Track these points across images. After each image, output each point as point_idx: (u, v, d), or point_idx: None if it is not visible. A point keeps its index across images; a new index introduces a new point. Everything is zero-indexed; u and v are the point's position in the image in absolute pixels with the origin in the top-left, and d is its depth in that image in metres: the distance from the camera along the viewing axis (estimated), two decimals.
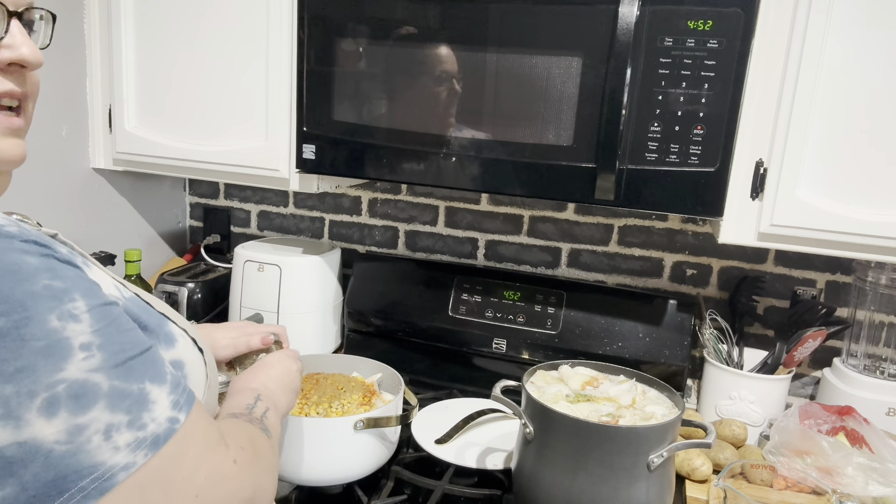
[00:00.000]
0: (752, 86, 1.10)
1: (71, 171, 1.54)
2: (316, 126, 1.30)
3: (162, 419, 0.56)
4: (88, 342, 0.53)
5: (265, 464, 0.68)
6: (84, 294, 0.54)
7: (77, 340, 0.52)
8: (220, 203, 1.90)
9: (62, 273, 0.54)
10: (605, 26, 1.09)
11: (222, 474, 0.60)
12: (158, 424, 0.55)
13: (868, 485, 1.10)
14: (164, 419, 0.56)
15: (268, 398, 0.81)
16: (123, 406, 0.53)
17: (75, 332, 0.52)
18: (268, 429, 0.74)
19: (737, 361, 1.41)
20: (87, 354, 0.52)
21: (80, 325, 0.52)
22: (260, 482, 0.65)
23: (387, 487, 1.15)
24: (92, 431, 0.52)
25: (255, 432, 0.71)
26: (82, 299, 0.53)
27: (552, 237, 1.62)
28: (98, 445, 0.52)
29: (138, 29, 1.45)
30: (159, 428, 0.55)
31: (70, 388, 0.51)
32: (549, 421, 1.02)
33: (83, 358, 0.52)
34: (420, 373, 1.57)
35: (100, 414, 0.52)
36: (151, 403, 0.55)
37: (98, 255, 1.51)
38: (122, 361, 0.55)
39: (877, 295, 1.37)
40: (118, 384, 0.54)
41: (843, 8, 1.04)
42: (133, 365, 0.55)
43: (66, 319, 0.52)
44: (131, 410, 0.54)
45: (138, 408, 0.54)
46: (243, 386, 0.84)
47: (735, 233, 1.17)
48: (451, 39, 1.18)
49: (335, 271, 1.64)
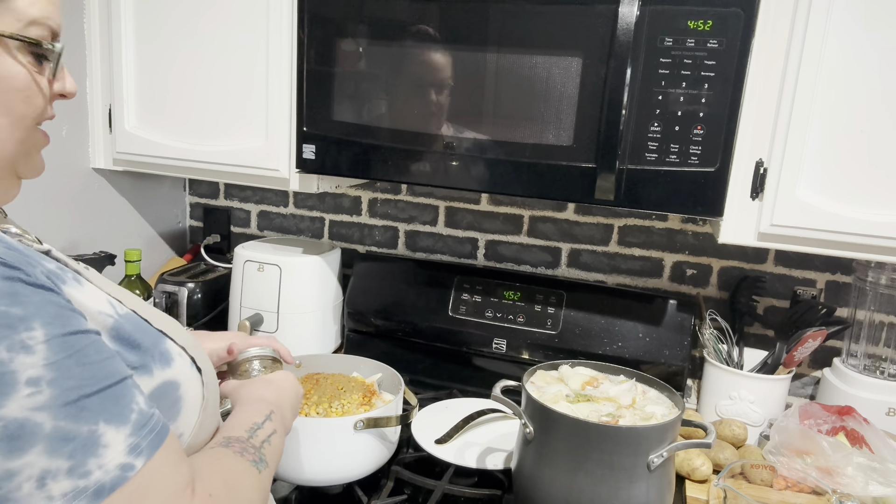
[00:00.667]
0: (752, 86, 1.10)
1: (71, 171, 1.54)
2: (316, 126, 1.30)
3: (112, 466, 0.50)
4: (37, 376, 0.48)
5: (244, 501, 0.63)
6: (46, 322, 0.50)
7: (24, 374, 0.48)
8: (220, 203, 1.90)
9: (25, 299, 0.50)
10: (605, 26, 1.09)
11: None
12: (106, 472, 0.50)
13: (868, 485, 1.10)
14: (115, 466, 0.51)
15: (279, 418, 0.78)
16: (65, 451, 0.49)
17: (24, 364, 0.48)
18: (263, 459, 0.69)
19: (737, 361, 1.41)
20: (33, 390, 0.48)
21: (31, 358, 0.48)
22: None
23: (387, 487, 1.15)
24: (23, 478, 0.47)
25: (240, 469, 0.66)
26: (42, 328, 0.50)
27: (552, 237, 1.62)
28: (28, 494, 0.47)
29: (138, 29, 1.45)
30: (106, 476, 0.50)
31: (5, 429, 0.47)
32: (549, 421, 1.02)
33: (28, 394, 0.48)
34: (420, 373, 1.57)
35: (36, 458, 0.47)
36: (102, 448, 0.50)
37: (98, 256, 1.51)
38: (75, 399, 0.50)
39: (877, 295, 1.37)
40: (63, 425, 0.49)
41: (843, 8, 1.04)
42: (87, 403, 0.51)
43: (15, 350, 0.48)
44: (74, 455, 0.49)
45: (83, 453, 0.49)
46: (258, 396, 0.80)
47: (735, 233, 1.17)
48: (451, 39, 1.18)
49: (335, 271, 1.64)
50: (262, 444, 0.71)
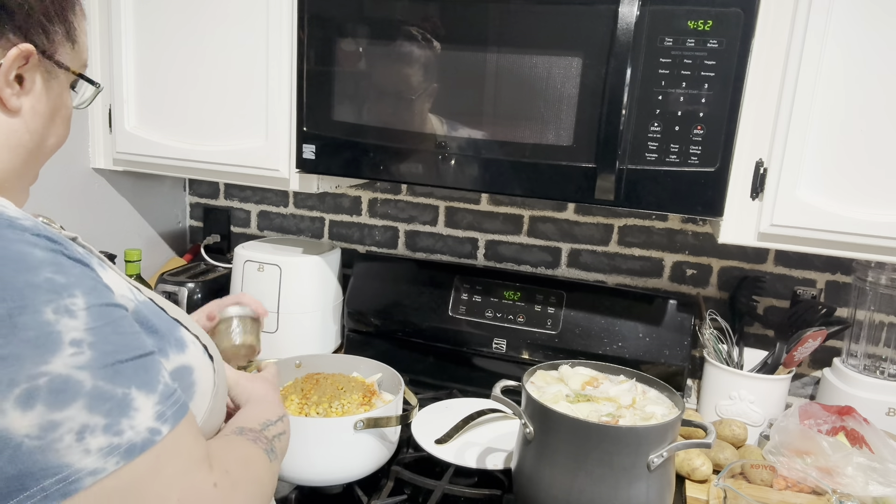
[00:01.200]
0: (752, 86, 1.10)
1: (71, 171, 1.54)
2: (316, 126, 1.30)
3: (142, 428, 0.54)
4: (80, 339, 0.52)
5: (253, 489, 0.66)
6: (86, 292, 0.54)
7: (68, 336, 0.52)
8: (220, 203, 1.90)
9: (67, 269, 0.54)
10: (605, 26, 1.09)
11: (198, 496, 0.57)
12: (137, 433, 0.53)
13: (868, 485, 1.10)
14: (144, 429, 0.54)
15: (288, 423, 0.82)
16: (103, 409, 0.52)
17: (68, 327, 0.52)
18: (274, 451, 0.73)
19: (737, 361, 1.41)
20: (75, 351, 0.52)
21: (74, 321, 0.52)
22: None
23: (387, 487, 1.15)
24: (65, 430, 0.50)
25: (254, 454, 0.70)
26: (83, 296, 0.54)
27: (552, 237, 1.62)
28: (69, 445, 0.50)
29: (138, 29, 1.45)
30: (137, 437, 0.53)
31: (51, 383, 0.50)
32: (549, 421, 1.02)
33: (71, 354, 0.51)
34: (420, 373, 1.57)
35: (77, 413, 0.51)
36: (134, 410, 0.54)
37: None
38: (112, 363, 0.54)
39: (877, 295, 1.37)
40: (102, 385, 0.53)
41: (843, 8, 1.04)
42: (122, 368, 0.54)
43: (61, 314, 0.52)
44: (110, 414, 0.52)
45: (118, 412, 0.53)
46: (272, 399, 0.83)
47: (735, 233, 1.17)
48: (450, 39, 1.18)
49: (335, 271, 1.64)
50: (274, 438, 0.75)
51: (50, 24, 0.65)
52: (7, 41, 0.62)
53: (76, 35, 0.69)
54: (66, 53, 0.68)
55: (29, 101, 0.65)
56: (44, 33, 0.65)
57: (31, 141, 0.67)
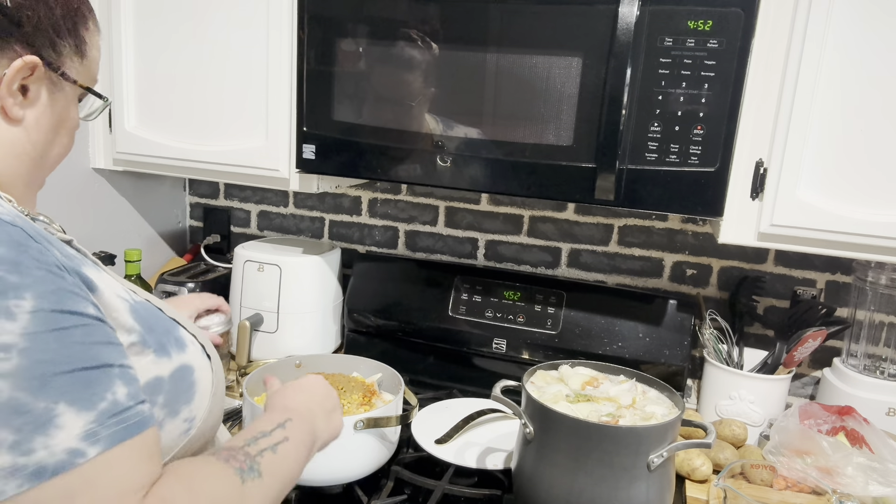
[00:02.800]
0: (752, 86, 1.10)
1: (71, 171, 1.54)
2: (316, 126, 1.30)
3: (58, 449, 0.49)
4: (11, 343, 0.49)
5: None
6: (38, 295, 0.51)
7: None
8: (220, 203, 1.90)
9: (28, 271, 0.51)
10: (605, 26, 1.09)
11: None
12: (51, 454, 0.48)
13: (868, 485, 1.10)
14: (62, 450, 0.49)
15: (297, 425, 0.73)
16: (14, 423, 0.48)
17: (3, 329, 0.49)
18: (255, 469, 0.63)
19: (737, 361, 1.41)
20: (2, 356, 0.48)
21: (11, 324, 0.49)
22: None
23: (387, 487, 1.15)
24: None
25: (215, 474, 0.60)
26: (32, 300, 0.50)
27: (552, 237, 1.62)
28: None
29: (138, 29, 1.45)
30: (50, 458, 0.48)
31: None
32: (549, 421, 1.02)
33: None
34: (420, 373, 1.57)
35: None
36: (55, 428, 0.49)
37: (98, 255, 1.51)
38: (40, 374, 0.49)
39: (877, 295, 1.37)
40: (21, 396, 0.48)
41: (843, 8, 1.04)
42: (54, 381, 0.50)
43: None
44: (22, 430, 0.48)
45: (32, 429, 0.48)
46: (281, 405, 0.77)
47: (735, 233, 1.17)
48: (451, 39, 1.18)
49: (335, 271, 1.64)
50: (261, 453, 0.66)
51: (59, 37, 0.65)
52: (13, 52, 0.63)
53: (86, 50, 0.69)
54: (75, 67, 0.68)
55: (33, 113, 0.66)
56: (51, 46, 0.65)
57: (35, 150, 0.67)
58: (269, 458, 0.65)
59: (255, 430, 0.69)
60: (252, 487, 0.61)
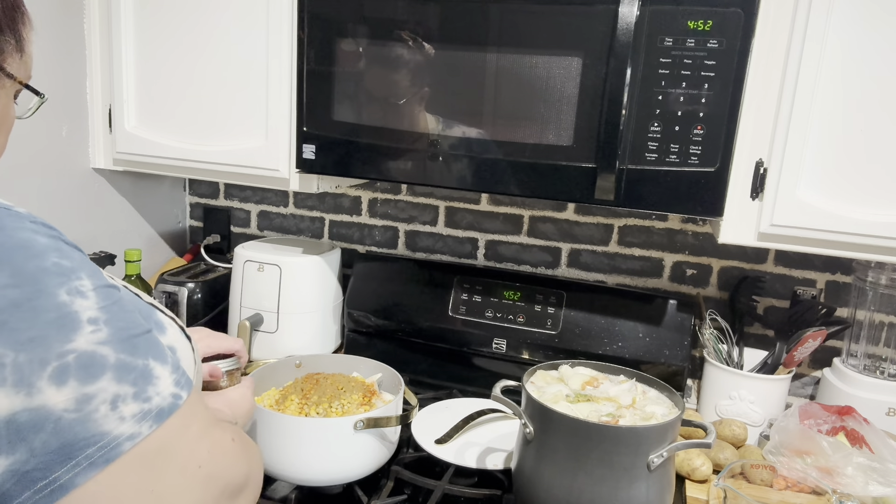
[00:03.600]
0: (752, 86, 1.10)
1: (71, 171, 1.54)
2: (316, 126, 1.30)
3: (166, 394, 0.58)
4: (95, 317, 0.55)
5: (257, 454, 0.71)
6: (89, 274, 0.57)
7: (85, 315, 0.54)
8: (220, 203, 1.90)
9: (69, 254, 0.57)
10: (605, 26, 1.09)
11: (223, 449, 0.63)
12: (163, 398, 0.57)
13: (868, 485, 1.10)
14: (168, 394, 0.58)
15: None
16: (129, 378, 0.55)
17: (83, 307, 0.54)
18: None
19: (737, 361, 1.41)
20: (94, 328, 0.54)
21: (87, 301, 0.55)
22: (254, 466, 0.68)
23: (387, 487, 1.15)
24: (99, 401, 0.53)
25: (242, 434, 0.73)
26: (88, 279, 0.56)
27: (552, 237, 1.62)
28: (105, 415, 0.53)
29: (138, 29, 1.45)
30: (164, 402, 0.57)
31: (79, 359, 0.53)
32: (549, 421, 1.02)
33: (91, 331, 0.54)
34: (420, 373, 1.57)
35: (107, 384, 0.54)
36: (156, 378, 0.58)
37: (98, 256, 1.51)
38: (127, 338, 0.57)
39: (877, 295, 1.37)
40: (124, 358, 0.56)
41: (843, 8, 1.04)
42: (137, 342, 0.58)
43: (74, 295, 0.54)
44: (137, 383, 0.56)
45: (143, 381, 0.56)
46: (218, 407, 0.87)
47: (735, 233, 1.17)
48: (451, 39, 1.18)
49: (335, 271, 1.64)
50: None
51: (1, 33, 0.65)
52: None
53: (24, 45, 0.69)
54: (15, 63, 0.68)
55: None
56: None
57: None
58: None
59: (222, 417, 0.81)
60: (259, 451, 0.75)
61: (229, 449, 0.64)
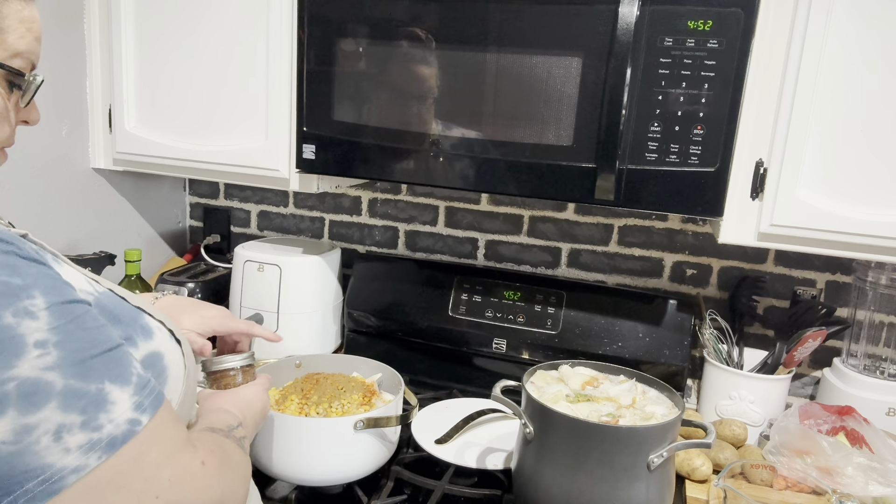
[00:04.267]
0: (752, 86, 1.10)
1: (71, 171, 1.54)
2: (316, 126, 1.30)
3: (121, 420, 0.54)
4: (44, 339, 0.52)
5: (237, 471, 0.67)
6: (45, 291, 0.53)
7: (32, 337, 0.51)
8: (220, 203, 1.90)
9: (23, 270, 0.53)
10: (605, 26, 1.09)
11: (189, 475, 0.59)
12: (116, 426, 0.54)
13: (868, 485, 1.10)
14: (124, 421, 0.55)
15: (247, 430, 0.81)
16: (77, 406, 0.52)
17: (31, 328, 0.51)
18: (244, 448, 0.74)
19: (737, 361, 1.41)
20: (41, 352, 0.51)
21: (36, 322, 0.52)
22: (230, 487, 0.65)
23: (387, 487, 1.15)
24: (41, 432, 0.50)
25: (230, 444, 0.71)
26: (42, 296, 0.53)
27: (552, 237, 1.62)
28: (47, 447, 0.51)
29: (138, 29, 1.45)
30: (117, 429, 0.54)
31: (21, 387, 0.50)
32: (549, 421, 1.02)
33: (37, 355, 0.51)
34: (420, 373, 1.57)
35: (51, 414, 0.51)
36: (110, 404, 0.54)
37: (98, 255, 1.51)
38: (81, 360, 0.53)
39: (877, 295, 1.37)
40: (73, 383, 0.52)
41: (843, 8, 1.04)
42: (93, 364, 0.54)
43: (21, 316, 0.51)
44: (86, 411, 0.53)
45: (94, 408, 0.53)
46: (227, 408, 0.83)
47: (735, 233, 1.17)
48: (450, 39, 1.18)
49: (335, 271, 1.64)
50: (242, 440, 0.76)
51: None
52: None
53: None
54: None
55: None
56: None
57: None
58: (247, 445, 0.77)
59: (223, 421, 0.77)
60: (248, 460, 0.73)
61: (197, 473, 0.60)
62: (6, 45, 0.64)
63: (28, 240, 0.63)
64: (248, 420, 0.86)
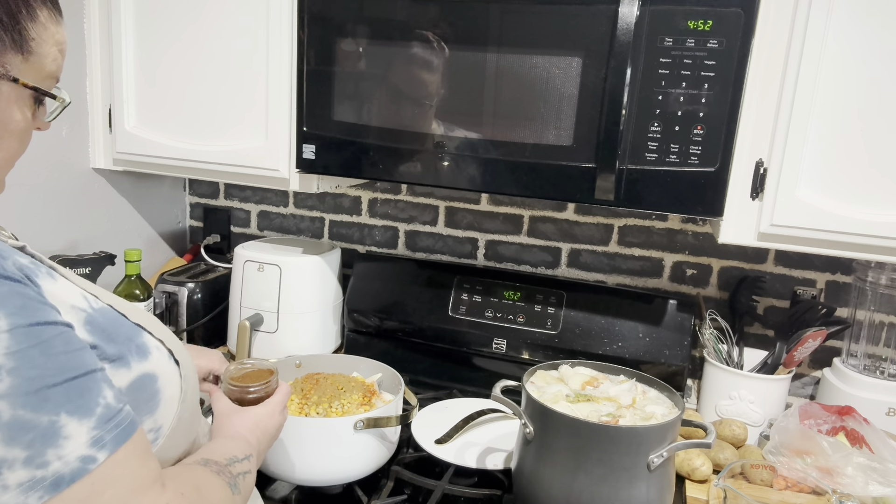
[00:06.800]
0: (752, 86, 1.10)
1: (71, 171, 1.54)
2: (316, 126, 1.30)
3: (72, 457, 0.50)
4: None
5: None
6: (10, 313, 0.50)
7: None
8: (220, 203, 1.90)
9: None
10: (605, 26, 1.09)
11: None
12: (65, 463, 0.50)
13: (868, 485, 1.10)
14: (75, 458, 0.50)
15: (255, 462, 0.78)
16: (23, 440, 0.48)
17: None
18: (237, 486, 0.70)
19: (737, 361, 1.41)
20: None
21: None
22: None
23: (387, 487, 1.15)
24: None
25: (215, 483, 0.66)
26: (5, 318, 0.50)
27: (552, 237, 1.62)
28: None
29: (138, 29, 1.45)
30: (65, 467, 0.50)
31: None
32: (549, 421, 1.02)
33: None
34: (420, 373, 1.57)
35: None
36: (63, 439, 0.50)
37: (98, 256, 1.51)
38: (36, 389, 0.50)
39: (877, 295, 1.37)
40: (23, 414, 0.49)
41: (843, 8, 1.04)
42: (49, 394, 0.50)
43: None
44: (32, 445, 0.49)
45: (42, 443, 0.49)
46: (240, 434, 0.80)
47: (735, 233, 1.17)
48: (450, 39, 1.18)
49: (335, 271, 1.64)
50: (241, 475, 0.72)
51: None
52: None
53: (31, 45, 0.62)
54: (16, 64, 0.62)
55: None
56: None
57: None
58: (243, 482, 0.72)
59: (227, 451, 0.74)
60: (237, 499, 0.68)
61: None
62: (40, 67, 0.64)
63: (25, 252, 0.62)
64: (263, 446, 0.82)
